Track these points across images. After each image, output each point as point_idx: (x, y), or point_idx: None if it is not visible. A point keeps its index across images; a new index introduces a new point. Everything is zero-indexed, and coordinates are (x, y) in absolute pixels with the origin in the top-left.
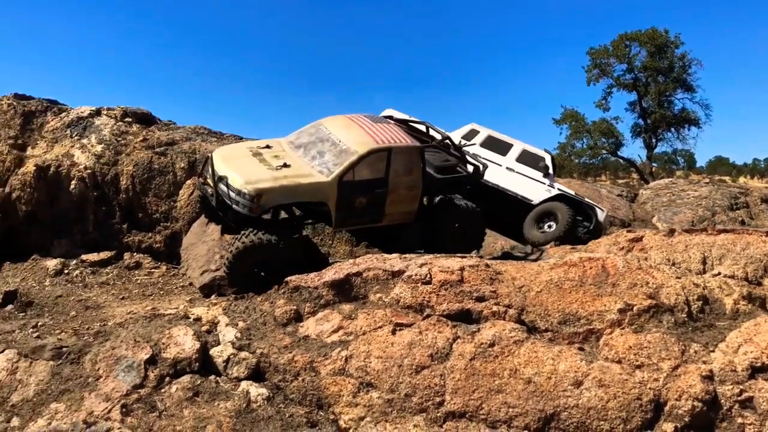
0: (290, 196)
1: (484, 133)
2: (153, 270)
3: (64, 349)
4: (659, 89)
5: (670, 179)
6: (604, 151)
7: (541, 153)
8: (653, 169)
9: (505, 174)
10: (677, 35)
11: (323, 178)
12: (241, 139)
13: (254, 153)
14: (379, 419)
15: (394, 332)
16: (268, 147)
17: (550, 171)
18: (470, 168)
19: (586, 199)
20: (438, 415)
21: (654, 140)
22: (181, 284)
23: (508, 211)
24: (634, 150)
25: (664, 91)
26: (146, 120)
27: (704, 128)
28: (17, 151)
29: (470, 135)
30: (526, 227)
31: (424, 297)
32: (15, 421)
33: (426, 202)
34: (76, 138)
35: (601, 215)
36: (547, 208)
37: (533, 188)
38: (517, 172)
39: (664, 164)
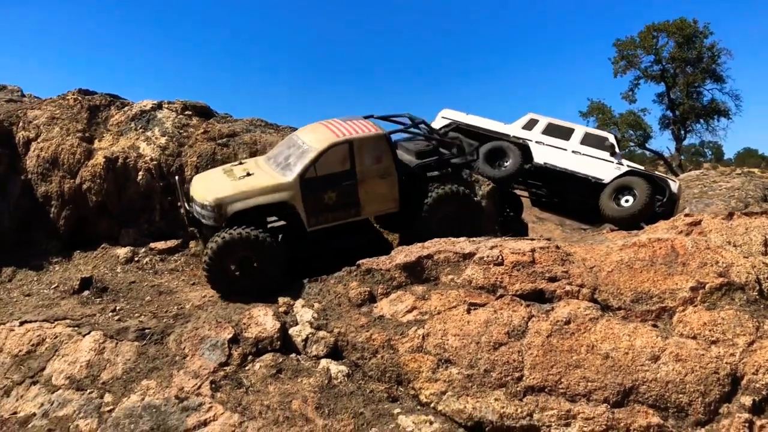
0: (250, 200)
1: (543, 121)
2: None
3: (146, 330)
4: (688, 80)
5: (700, 170)
6: (631, 144)
7: (604, 134)
8: (681, 162)
9: (571, 157)
10: (706, 24)
11: (285, 179)
12: (294, 129)
13: (225, 171)
14: (461, 393)
15: (469, 311)
16: (240, 164)
17: (617, 150)
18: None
19: (656, 173)
20: (518, 389)
21: (683, 132)
22: None
23: (578, 194)
24: (662, 142)
25: (693, 82)
26: (205, 113)
27: (734, 119)
28: (86, 143)
29: (530, 124)
30: (603, 204)
31: (496, 278)
32: (108, 397)
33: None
34: (140, 131)
35: (674, 186)
36: (623, 183)
37: (602, 168)
38: (583, 155)
39: (691, 156)
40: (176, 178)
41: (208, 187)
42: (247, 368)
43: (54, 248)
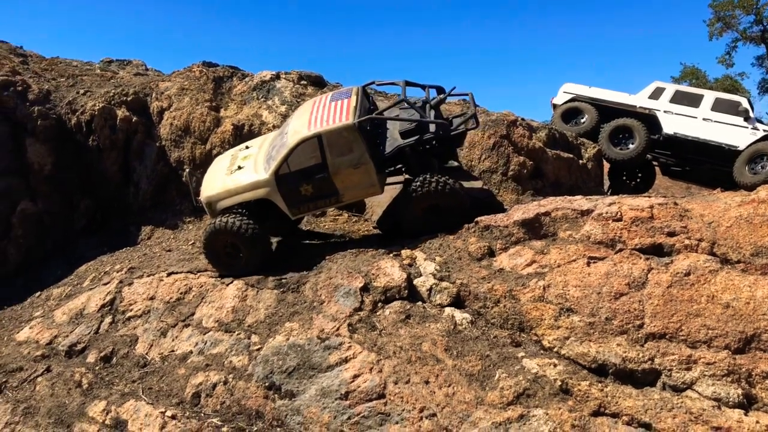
0: (236, 197)
1: (670, 89)
2: (337, 217)
3: (283, 280)
4: None
5: None
6: None
7: (736, 98)
8: None
9: (702, 125)
10: None
11: (263, 176)
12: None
13: (232, 158)
14: (583, 339)
15: (588, 264)
16: (247, 148)
17: (751, 114)
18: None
19: None
20: (639, 336)
21: None
22: (365, 229)
23: (710, 162)
24: (763, 107)
25: None
26: (318, 82)
27: None
28: (214, 112)
29: (656, 93)
30: (737, 172)
31: (615, 233)
32: (254, 338)
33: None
34: (261, 100)
35: None
36: (759, 149)
37: (736, 134)
38: (715, 122)
39: None
40: (186, 171)
41: (206, 184)
42: (378, 314)
43: (187, 209)
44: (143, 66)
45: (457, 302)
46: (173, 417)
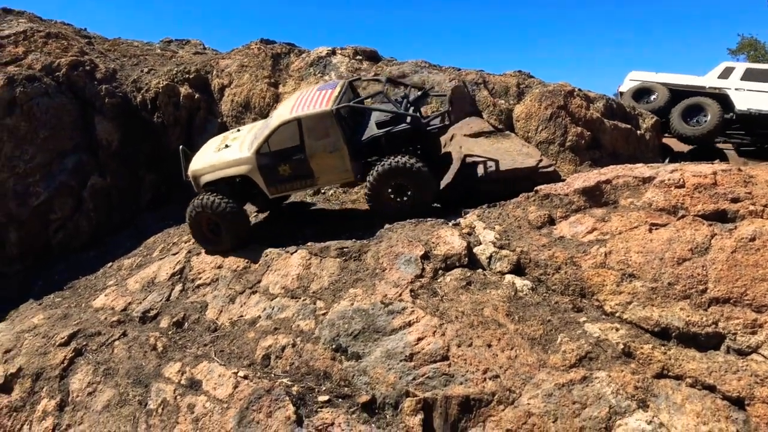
0: (217, 172)
1: (740, 67)
2: None
3: (345, 249)
4: None
5: None
6: None
7: None
8: None
9: None
10: None
11: (245, 154)
12: (458, 70)
13: (223, 139)
14: (646, 304)
15: (650, 230)
16: (238, 131)
17: None
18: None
19: None
20: (702, 300)
21: None
22: None
23: None
24: None
25: None
26: (373, 57)
27: None
28: (273, 88)
29: (726, 73)
30: None
31: (677, 200)
32: (320, 303)
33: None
34: (318, 75)
35: None
36: None
37: None
38: None
39: None
40: (181, 147)
41: (195, 160)
42: (439, 280)
43: None
44: (201, 45)
45: (518, 269)
46: (245, 377)
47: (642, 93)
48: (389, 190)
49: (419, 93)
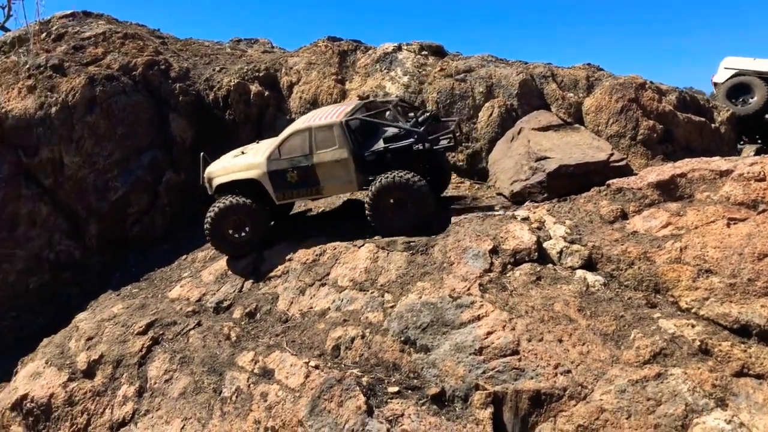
0: (230, 175)
1: None
2: (459, 185)
3: (412, 243)
4: None
5: None
6: None
7: None
8: None
9: None
10: None
11: (257, 159)
12: (526, 63)
13: (243, 149)
14: (724, 300)
15: (728, 225)
16: (257, 143)
17: None
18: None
19: None
20: None
21: None
22: (488, 195)
23: None
24: None
25: None
26: (439, 52)
27: None
28: (340, 85)
29: None
30: None
31: (757, 193)
32: (388, 296)
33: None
34: (384, 71)
35: None
36: None
37: None
38: None
39: None
40: (201, 154)
41: (213, 164)
42: (508, 275)
43: None
44: (269, 44)
45: (589, 264)
46: (316, 367)
47: (738, 91)
48: (389, 204)
49: (428, 114)
